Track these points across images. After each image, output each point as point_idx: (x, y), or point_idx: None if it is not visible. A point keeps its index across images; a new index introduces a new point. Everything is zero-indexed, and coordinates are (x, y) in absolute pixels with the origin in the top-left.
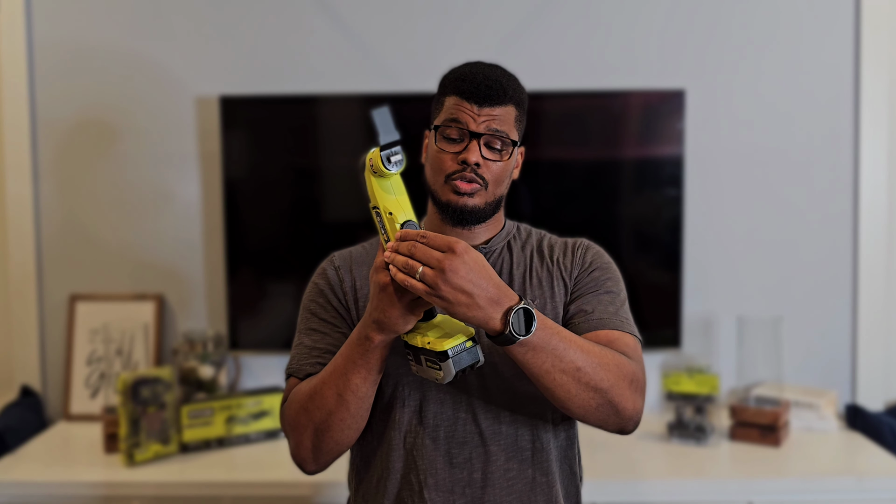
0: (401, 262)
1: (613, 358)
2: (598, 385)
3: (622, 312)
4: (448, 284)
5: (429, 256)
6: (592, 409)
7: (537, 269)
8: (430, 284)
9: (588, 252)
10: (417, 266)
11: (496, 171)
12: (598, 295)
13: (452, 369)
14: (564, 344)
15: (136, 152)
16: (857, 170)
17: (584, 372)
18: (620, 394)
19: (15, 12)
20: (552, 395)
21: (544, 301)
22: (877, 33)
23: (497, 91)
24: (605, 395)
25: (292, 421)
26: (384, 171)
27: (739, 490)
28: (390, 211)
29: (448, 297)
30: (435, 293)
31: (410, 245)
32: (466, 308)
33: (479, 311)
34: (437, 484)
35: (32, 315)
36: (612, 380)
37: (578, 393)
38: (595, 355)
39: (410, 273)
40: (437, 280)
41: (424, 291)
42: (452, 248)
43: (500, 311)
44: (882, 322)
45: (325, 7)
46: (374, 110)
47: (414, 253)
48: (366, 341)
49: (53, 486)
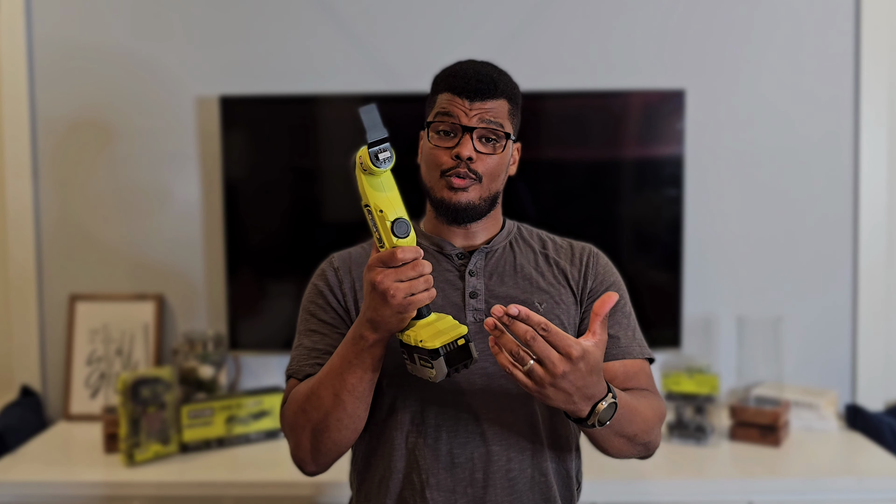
0: (511, 346)
1: (656, 412)
2: (644, 441)
3: (638, 334)
4: (555, 388)
5: (546, 356)
6: (633, 454)
7: (543, 273)
8: (537, 382)
9: (598, 263)
10: (528, 360)
11: (491, 164)
12: (618, 318)
13: (444, 367)
14: (629, 418)
15: (135, 152)
16: (857, 169)
17: (638, 436)
18: (657, 438)
19: (15, 12)
20: (604, 450)
21: (551, 305)
22: (877, 33)
23: (488, 85)
24: (646, 446)
25: (291, 422)
26: (373, 169)
27: (739, 490)
28: (381, 208)
29: (550, 396)
30: (538, 390)
31: (529, 334)
32: (561, 403)
33: (572, 406)
34: (438, 484)
35: (32, 315)
36: (655, 433)
37: (629, 450)
38: (647, 420)
39: (518, 360)
40: (544, 382)
41: (528, 386)
42: (570, 354)
43: (591, 404)
44: (882, 322)
45: (325, 7)
46: (361, 108)
47: (532, 346)
48: (360, 340)
49: (53, 486)
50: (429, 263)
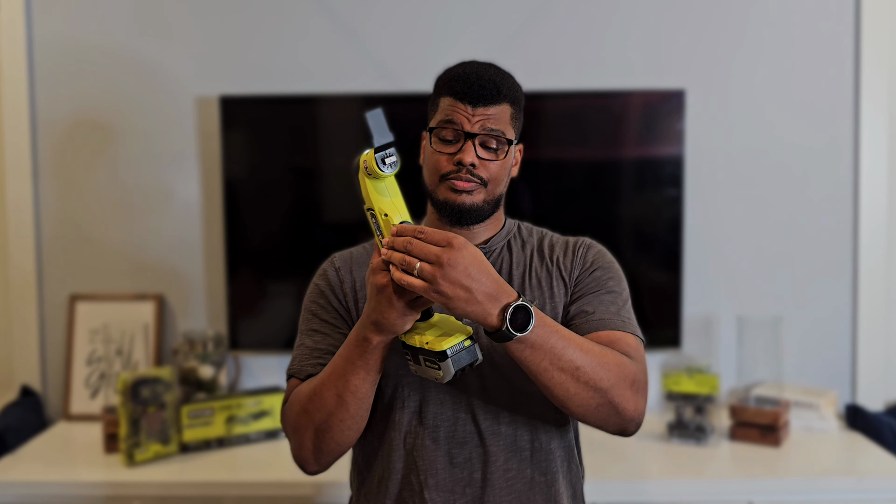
0: (398, 258)
1: (614, 358)
2: (597, 384)
3: (624, 312)
4: (446, 279)
5: (426, 252)
6: (592, 408)
7: (537, 269)
8: (429, 279)
9: (589, 251)
10: (415, 262)
11: (493, 170)
12: (600, 295)
13: (452, 369)
14: (563, 342)
15: (136, 152)
16: (857, 170)
17: (583, 371)
18: (621, 394)
19: (15, 12)
20: (551, 393)
21: (543, 301)
22: (877, 33)
23: (491, 90)
24: (604, 395)
25: (293, 422)
26: (379, 173)
27: (739, 490)
28: (385, 213)
29: (446, 292)
30: (433, 288)
31: (406, 241)
32: (465, 303)
33: (477, 307)
34: (437, 484)
35: (32, 315)
36: (612, 380)
37: (578, 392)
38: (595, 354)
39: (408, 269)
40: (435, 274)
41: (422, 287)
42: (451, 243)
43: (498, 307)
44: (882, 322)
45: (324, 7)
46: (368, 112)
47: (411, 249)
48: (364, 342)
49: (53, 486)
50: None
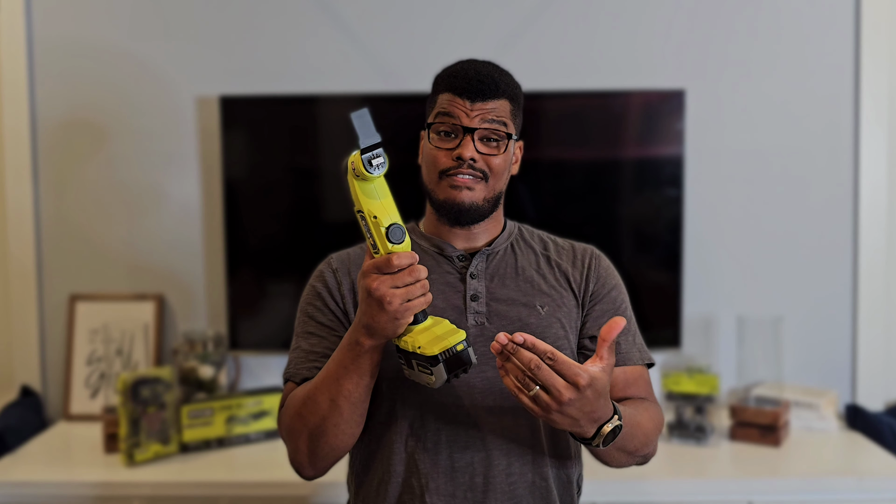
0: (516, 373)
1: (656, 424)
2: (644, 453)
3: (638, 339)
4: (561, 414)
5: (552, 384)
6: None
7: (545, 275)
8: (543, 408)
9: (600, 266)
10: (533, 387)
11: (494, 164)
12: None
13: (443, 373)
14: (630, 435)
15: (136, 152)
16: (857, 170)
17: (638, 450)
18: (654, 449)
19: (15, 12)
20: (603, 462)
21: (553, 308)
22: (877, 33)
23: (489, 85)
24: (645, 457)
25: (288, 426)
26: (366, 175)
27: (739, 490)
28: (375, 215)
29: (555, 421)
30: (545, 416)
31: (534, 363)
32: (567, 426)
33: (578, 428)
34: (438, 488)
35: (32, 315)
36: (653, 444)
37: (628, 461)
38: (648, 434)
39: (523, 387)
40: (550, 408)
41: (535, 411)
42: (577, 383)
43: (596, 426)
44: (882, 322)
45: (325, 7)
46: (353, 113)
47: (537, 374)
48: (356, 346)
49: (53, 486)
50: (425, 268)
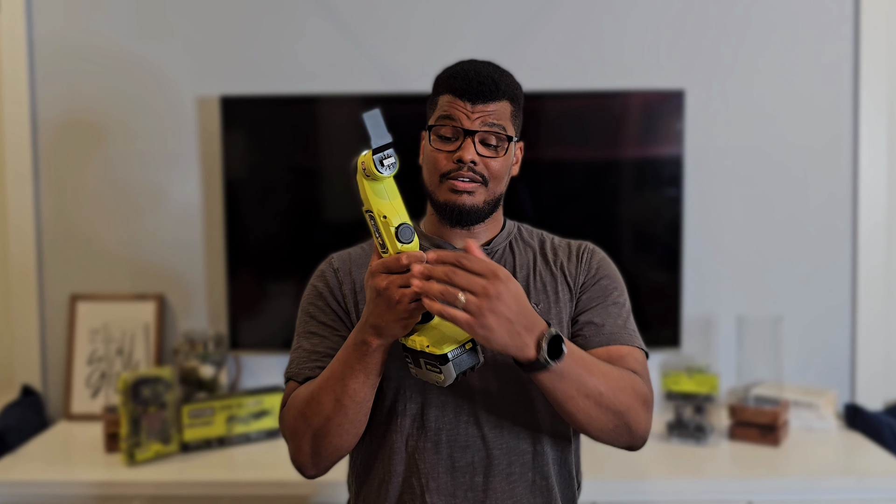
0: (437, 290)
1: (630, 381)
2: (616, 408)
3: (630, 325)
4: (493, 312)
5: (471, 283)
6: (609, 430)
7: (541, 273)
8: (475, 313)
9: (594, 258)
10: (458, 293)
11: (494, 167)
12: (607, 306)
13: (453, 372)
14: (588, 370)
15: (136, 152)
16: (856, 170)
17: (606, 396)
18: (636, 415)
19: (15, 12)
20: (572, 418)
21: (549, 305)
22: (876, 33)
23: (490, 87)
24: (622, 418)
25: (291, 426)
26: (377, 175)
27: (739, 490)
28: (384, 214)
29: (491, 326)
30: (479, 322)
31: (448, 271)
32: (507, 336)
33: (517, 339)
34: (438, 488)
35: (33, 315)
36: (629, 402)
37: (599, 416)
38: (615, 380)
39: (448, 300)
40: (482, 308)
41: (467, 321)
42: (496, 274)
43: (534, 337)
44: (881, 322)
45: (325, 7)
46: (365, 113)
47: (454, 280)
48: (363, 346)
49: (54, 486)
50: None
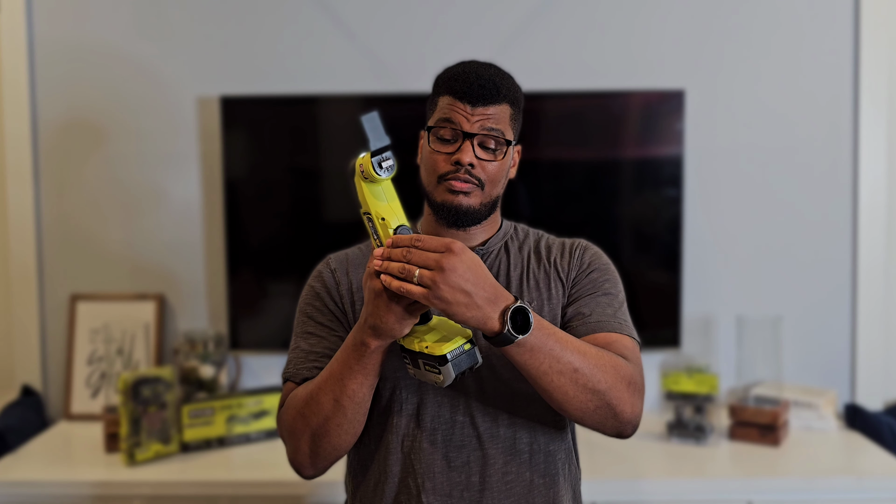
0: (396, 268)
1: (611, 360)
2: (595, 387)
3: (620, 314)
4: (447, 284)
5: (425, 258)
6: (590, 411)
7: (534, 271)
8: (429, 285)
9: (586, 253)
10: (414, 270)
11: (491, 171)
12: (596, 297)
13: (452, 373)
14: (561, 345)
15: (136, 152)
16: (856, 170)
17: (582, 373)
18: (618, 396)
19: (15, 12)
20: (550, 396)
21: (541, 303)
22: (876, 32)
23: (490, 90)
24: (602, 397)
25: (289, 427)
26: (375, 177)
27: (739, 489)
28: (383, 216)
29: (447, 297)
30: (434, 294)
31: (404, 251)
32: (465, 308)
33: (478, 311)
34: (434, 487)
35: (33, 315)
36: (609, 381)
37: (576, 395)
38: (592, 357)
39: (407, 278)
40: (435, 279)
41: (422, 294)
42: (450, 248)
43: (498, 310)
44: (881, 322)
45: (325, 7)
46: (364, 115)
47: (410, 258)
48: (362, 347)
49: (54, 486)
50: None
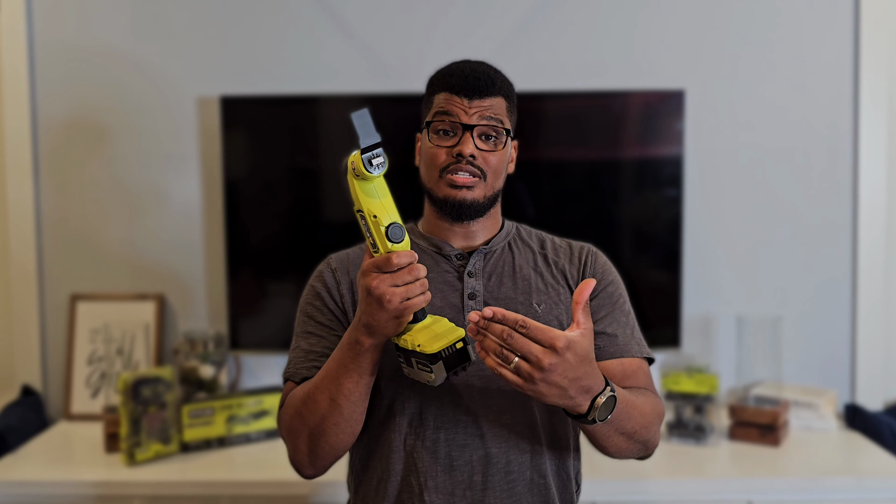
0: (493, 348)
1: (656, 409)
2: (645, 439)
3: (637, 333)
4: (545, 382)
5: (528, 351)
6: (632, 453)
7: (543, 273)
8: (526, 378)
9: (597, 262)
10: (512, 357)
11: (493, 162)
12: (616, 315)
13: (443, 371)
14: (626, 413)
15: (136, 152)
16: (856, 170)
17: (638, 433)
18: (655, 437)
19: (15, 12)
20: (604, 449)
21: (549, 306)
22: (876, 33)
23: (486, 83)
24: (646, 444)
25: (288, 426)
26: (366, 175)
27: (739, 489)
28: (374, 214)
29: (542, 392)
30: (529, 387)
31: (506, 332)
32: (557, 399)
33: (569, 401)
34: (437, 486)
35: (33, 315)
36: (654, 430)
37: (629, 447)
38: (646, 415)
39: (504, 360)
40: (534, 376)
41: (518, 384)
42: (554, 346)
43: (588, 399)
44: (881, 322)
45: (325, 7)
46: (353, 113)
47: (512, 344)
48: (356, 345)
49: (54, 486)
50: (424, 267)
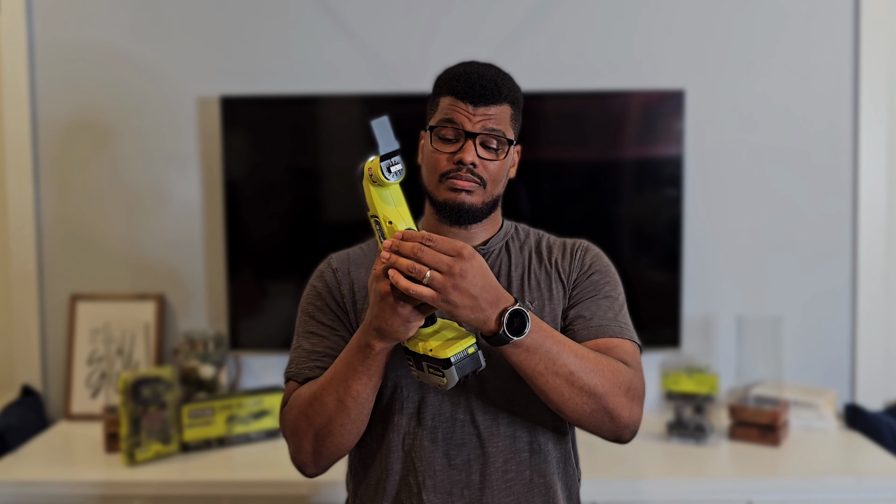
0: (405, 264)
1: (609, 364)
2: (591, 390)
3: (621, 318)
4: (457, 289)
5: (437, 261)
6: (587, 414)
7: (535, 271)
8: (438, 289)
9: (587, 254)
10: (424, 270)
11: (493, 170)
12: (597, 300)
13: (455, 376)
14: (558, 347)
15: (136, 152)
16: (856, 169)
17: (577, 376)
18: (615, 401)
19: (16, 13)
20: (546, 397)
21: (542, 303)
22: (876, 33)
23: (492, 90)
24: (599, 401)
25: (292, 426)
26: (384, 181)
27: (739, 489)
28: (390, 220)
29: (455, 301)
30: (443, 297)
31: (415, 248)
32: (470, 311)
33: (481, 314)
34: (435, 486)
35: (33, 315)
36: (606, 386)
37: (572, 396)
38: (589, 360)
39: (416, 278)
40: (446, 284)
41: (431, 296)
42: (461, 253)
43: (497, 312)
44: (881, 322)
45: (325, 7)
46: (374, 120)
47: (420, 257)
48: (366, 348)
49: (54, 486)
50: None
